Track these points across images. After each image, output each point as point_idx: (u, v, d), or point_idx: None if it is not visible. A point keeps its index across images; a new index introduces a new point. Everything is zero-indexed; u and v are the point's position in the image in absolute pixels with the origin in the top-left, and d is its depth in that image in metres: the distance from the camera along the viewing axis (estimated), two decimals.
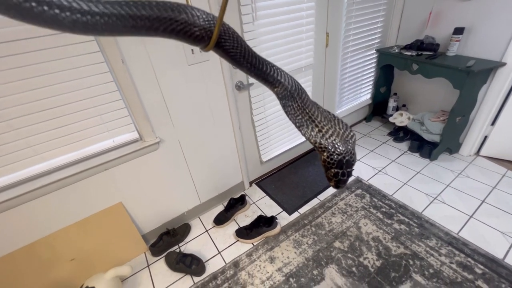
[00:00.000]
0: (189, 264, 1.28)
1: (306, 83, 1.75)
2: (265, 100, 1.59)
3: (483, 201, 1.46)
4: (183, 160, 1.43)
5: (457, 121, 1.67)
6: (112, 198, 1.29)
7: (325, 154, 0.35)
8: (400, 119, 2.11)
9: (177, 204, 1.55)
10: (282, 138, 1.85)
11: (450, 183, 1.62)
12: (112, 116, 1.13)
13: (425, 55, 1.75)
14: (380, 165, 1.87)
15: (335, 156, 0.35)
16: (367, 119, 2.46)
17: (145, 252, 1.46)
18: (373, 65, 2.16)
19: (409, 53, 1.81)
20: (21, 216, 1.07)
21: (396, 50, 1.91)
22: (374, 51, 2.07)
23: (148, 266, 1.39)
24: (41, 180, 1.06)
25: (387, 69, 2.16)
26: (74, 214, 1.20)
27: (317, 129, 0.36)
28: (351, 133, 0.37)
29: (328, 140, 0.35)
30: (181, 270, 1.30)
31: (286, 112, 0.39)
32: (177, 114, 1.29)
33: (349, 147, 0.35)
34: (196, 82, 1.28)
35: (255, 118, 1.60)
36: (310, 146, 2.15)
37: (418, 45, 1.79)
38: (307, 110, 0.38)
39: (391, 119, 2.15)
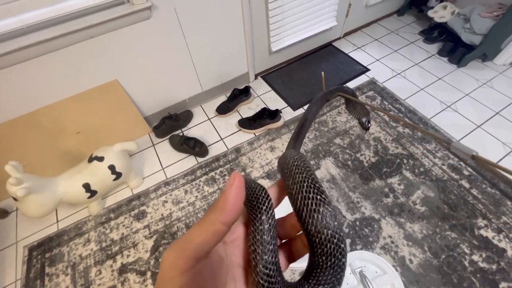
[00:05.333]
0: (193, 146, 1.33)
1: None
2: None
3: (497, 113, 1.40)
4: (182, 37, 1.23)
5: None
6: (106, 74, 1.18)
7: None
8: (441, 13, 1.74)
9: (178, 89, 1.47)
10: (299, 24, 1.56)
11: (470, 92, 1.51)
12: None
13: None
14: (400, 67, 1.69)
15: None
16: (400, 11, 2.05)
17: (149, 134, 1.50)
18: None
19: None
20: (7, 82, 0.99)
21: None
22: None
23: (153, 145, 1.45)
24: (18, 40, 0.91)
25: None
26: (67, 86, 1.12)
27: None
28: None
29: None
30: (185, 151, 1.37)
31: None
32: None
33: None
34: None
35: None
36: (326, 40, 1.88)
37: None
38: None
39: (430, 13, 1.79)
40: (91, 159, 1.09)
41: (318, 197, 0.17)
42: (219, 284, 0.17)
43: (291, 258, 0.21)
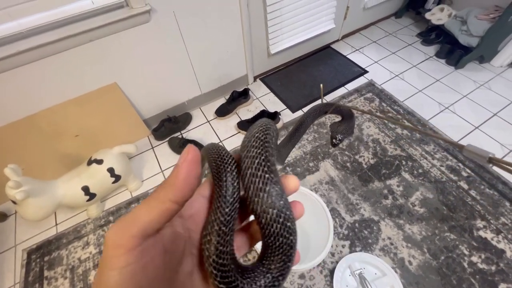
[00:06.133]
0: None
1: None
2: None
3: (495, 114, 1.40)
4: (181, 40, 1.24)
5: (509, 20, 1.39)
6: (106, 77, 1.18)
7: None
8: (438, 15, 1.76)
9: (176, 92, 1.47)
10: (298, 27, 1.57)
11: (468, 94, 1.51)
12: None
13: None
14: (398, 69, 1.70)
15: None
16: (398, 14, 2.06)
17: (148, 136, 1.50)
18: None
19: None
20: (6, 85, 0.99)
21: None
22: None
23: (152, 148, 1.45)
24: (17, 44, 0.91)
25: None
26: (67, 89, 1.13)
27: None
28: None
29: None
30: None
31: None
32: None
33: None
34: None
35: None
36: (325, 43, 1.89)
37: None
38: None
39: (427, 15, 1.80)
40: (90, 162, 1.09)
41: (267, 175, 0.16)
42: (171, 260, 0.16)
43: (252, 241, 0.21)
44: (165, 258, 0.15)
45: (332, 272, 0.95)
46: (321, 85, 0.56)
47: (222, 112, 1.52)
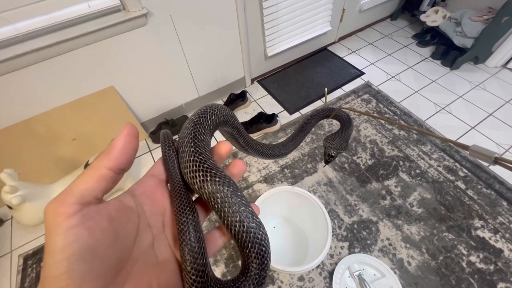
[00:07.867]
0: None
1: None
2: None
3: (490, 114, 1.42)
4: (178, 43, 1.24)
5: (502, 21, 1.41)
6: (102, 80, 1.18)
7: None
8: (433, 17, 1.78)
9: (174, 95, 1.47)
10: (294, 29, 1.58)
11: (463, 94, 1.53)
12: None
13: None
14: (394, 70, 1.72)
15: None
16: (393, 16, 2.08)
17: (145, 139, 1.50)
18: None
19: None
20: (3, 89, 0.98)
21: None
22: None
23: (150, 151, 1.45)
24: (14, 48, 0.91)
25: None
26: (63, 93, 1.12)
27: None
28: None
29: None
30: None
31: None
32: None
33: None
34: None
35: None
36: (321, 45, 1.90)
37: None
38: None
39: (422, 17, 1.82)
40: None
41: (192, 149, 0.18)
42: (124, 229, 0.16)
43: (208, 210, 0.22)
44: (113, 224, 0.16)
45: (331, 273, 0.95)
46: (326, 88, 0.58)
47: None
